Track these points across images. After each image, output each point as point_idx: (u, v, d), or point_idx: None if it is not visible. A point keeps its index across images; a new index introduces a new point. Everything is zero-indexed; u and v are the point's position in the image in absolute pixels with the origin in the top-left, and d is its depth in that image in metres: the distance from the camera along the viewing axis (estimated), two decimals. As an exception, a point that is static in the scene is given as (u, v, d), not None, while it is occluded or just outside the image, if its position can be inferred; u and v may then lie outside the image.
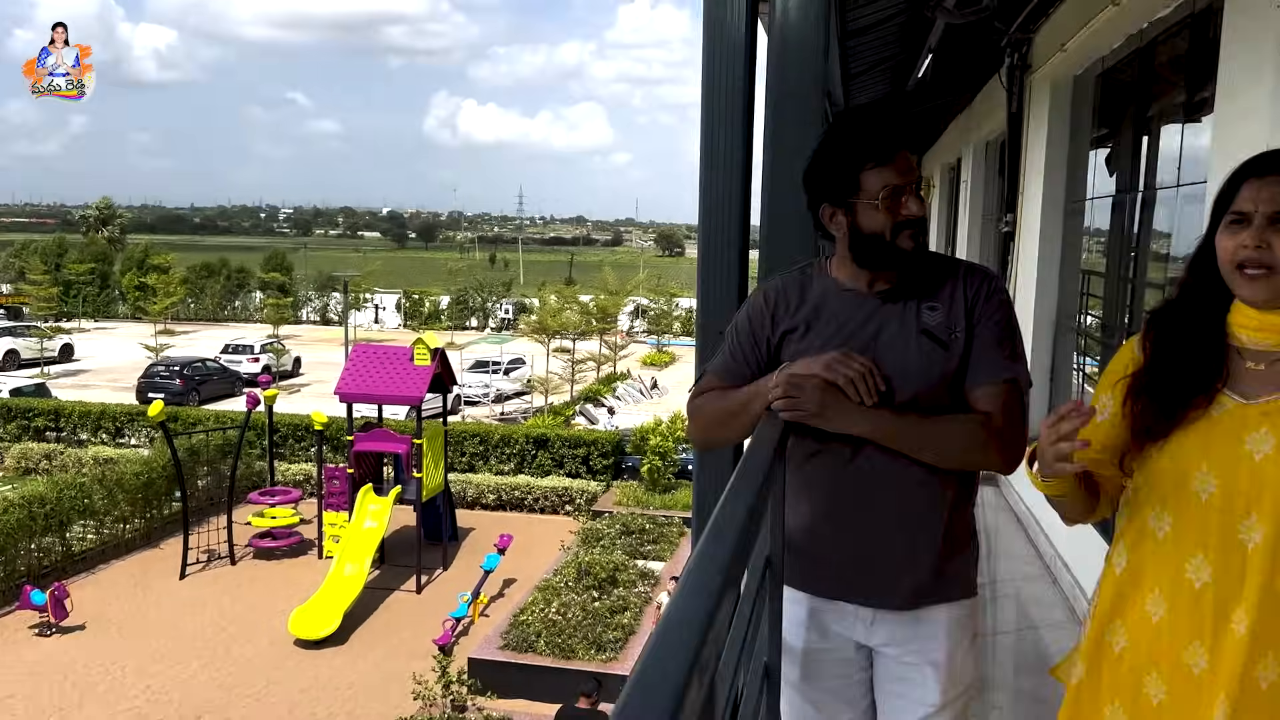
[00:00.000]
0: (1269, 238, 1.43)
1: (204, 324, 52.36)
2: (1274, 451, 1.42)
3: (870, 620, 1.86)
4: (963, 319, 1.81)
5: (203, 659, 13.09)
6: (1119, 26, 4.58)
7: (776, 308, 1.90)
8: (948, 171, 12.28)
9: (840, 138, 1.85)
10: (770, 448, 1.58)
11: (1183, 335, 1.54)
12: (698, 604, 0.90)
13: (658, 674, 0.76)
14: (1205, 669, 1.47)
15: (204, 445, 18.30)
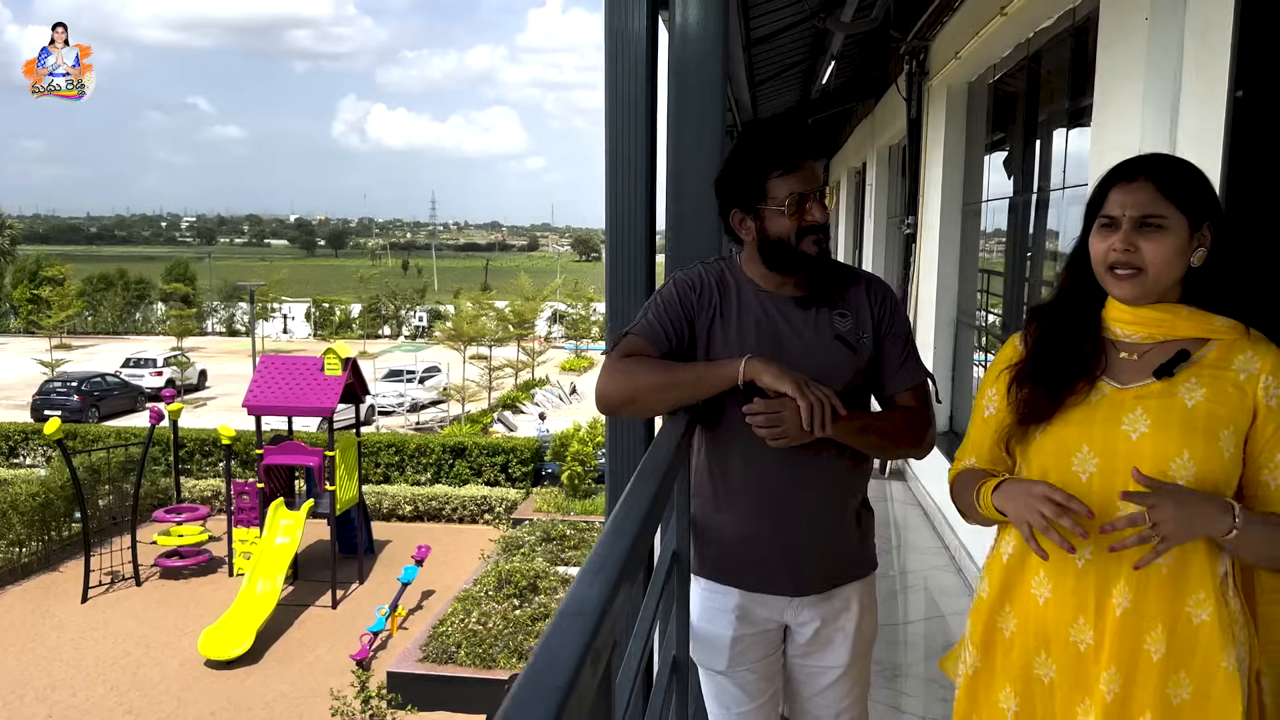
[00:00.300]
0: (1136, 241, 1.51)
1: (103, 337, 50.48)
2: (1150, 430, 1.50)
3: (795, 605, 1.99)
4: (869, 327, 1.98)
5: (108, 683, 12.65)
6: (1008, 36, 4.76)
7: (702, 294, 1.96)
8: (854, 175, 12.57)
9: (748, 147, 1.93)
10: (671, 448, 1.62)
11: (1064, 329, 1.62)
12: (594, 594, 0.93)
13: (550, 662, 0.79)
14: (1090, 645, 1.53)
15: (105, 463, 17.65)
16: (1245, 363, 1.50)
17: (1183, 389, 1.50)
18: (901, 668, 4.15)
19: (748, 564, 1.97)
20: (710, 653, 2.00)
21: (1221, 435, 1.48)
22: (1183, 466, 1.47)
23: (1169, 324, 1.54)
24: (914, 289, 6.99)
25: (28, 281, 49.91)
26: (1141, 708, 1.49)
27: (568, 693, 0.75)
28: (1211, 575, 1.50)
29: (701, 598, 2.02)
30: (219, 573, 16.34)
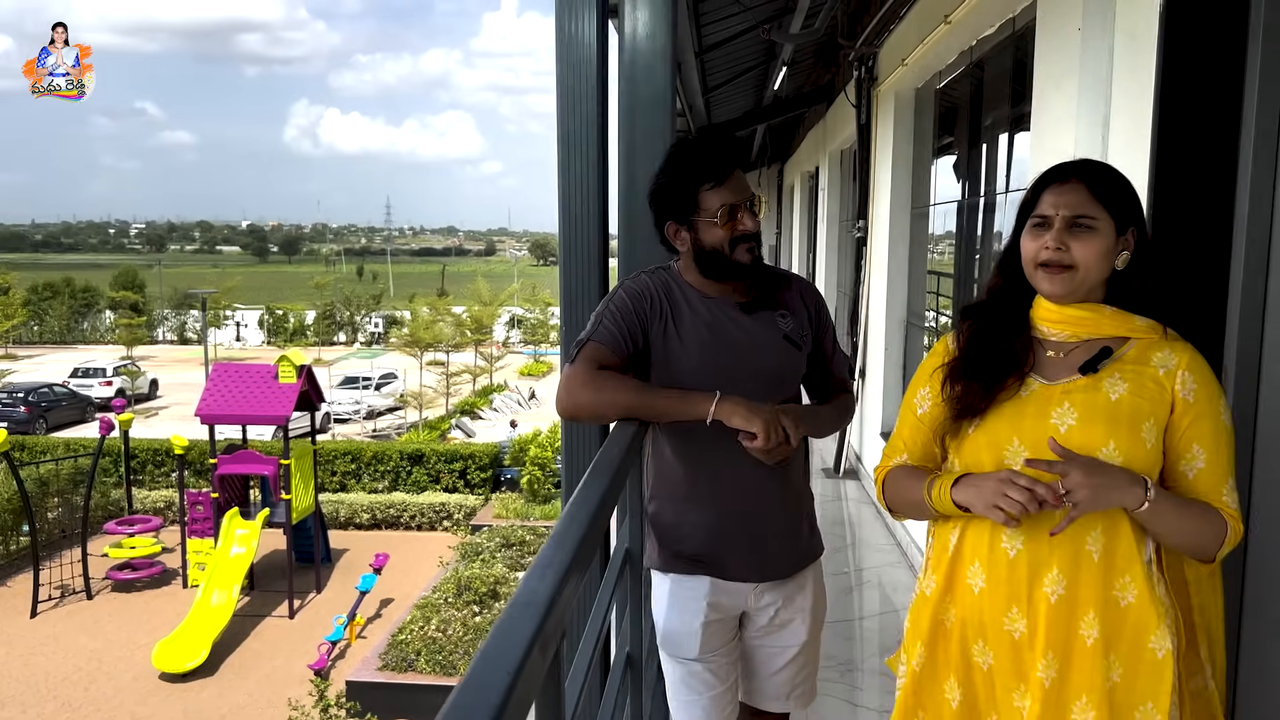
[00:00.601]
0: (1067, 240, 1.57)
1: (49, 347, 49.46)
2: (1077, 423, 1.56)
3: (757, 591, 2.12)
4: (808, 325, 2.13)
5: (60, 699, 12.40)
6: (952, 43, 4.88)
7: (652, 302, 2.03)
8: (807, 179, 12.72)
9: (679, 161, 2.02)
10: (624, 447, 1.67)
11: (995, 327, 1.69)
12: (544, 586, 0.98)
13: (501, 648, 0.84)
14: (1024, 633, 1.59)
15: (54, 475, 17.29)
16: (1163, 359, 1.58)
17: (1107, 383, 1.58)
18: (855, 662, 4.23)
19: (717, 555, 2.07)
20: (681, 643, 2.09)
21: (1144, 427, 1.55)
22: (1109, 456, 1.53)
23: (1092, 323, 1.61)
24: (865, 291, 7.11)
25: (-30, 291, 48.82)
26: (1078, 691, 1.55)
27: (516, 675, 0.79)
28: (1138, 558, 1.56)
29: (671, 591, 2.10)
30: (173, 584, 16.08)
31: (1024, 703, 1.60)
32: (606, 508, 1.35)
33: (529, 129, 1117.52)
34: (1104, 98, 2.68)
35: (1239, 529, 1.57)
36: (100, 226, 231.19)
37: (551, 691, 0.97)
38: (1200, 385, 1.57)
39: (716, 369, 1.99)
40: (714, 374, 1.97)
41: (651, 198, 2.04)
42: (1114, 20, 2.62)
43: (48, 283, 53.93)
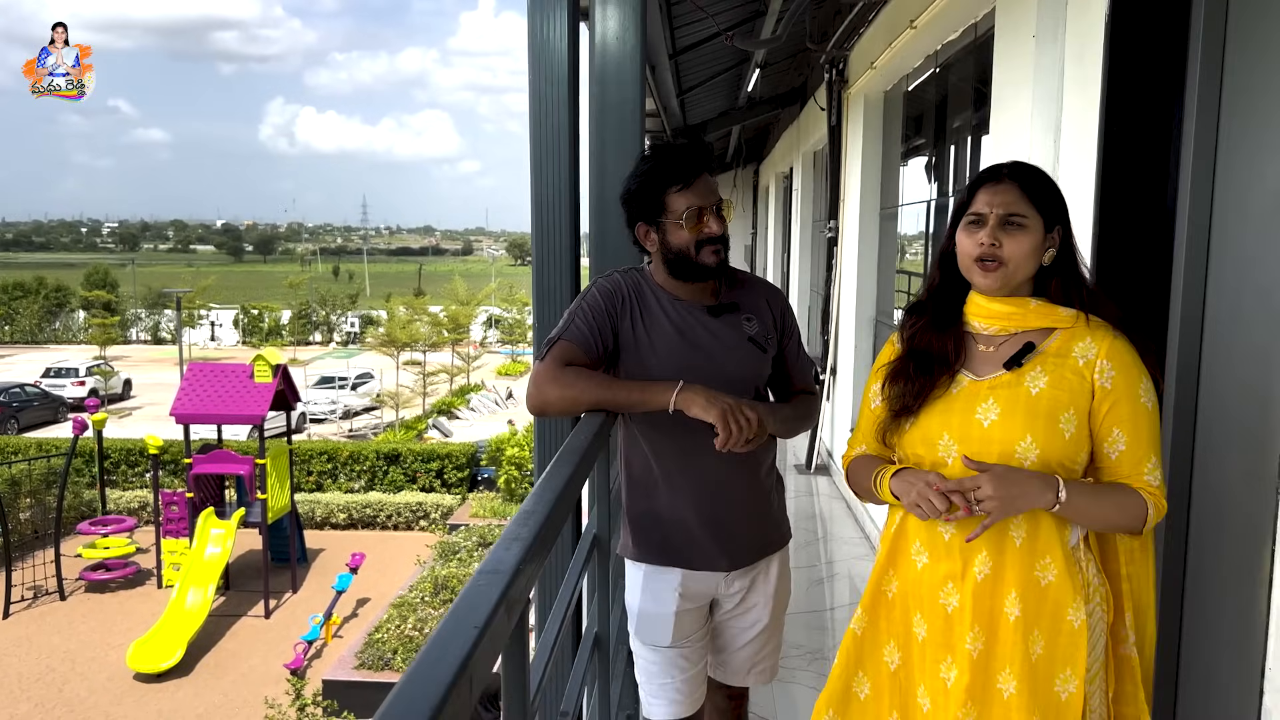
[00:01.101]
0: (1000, 236, 1.67)
1: (20, 347, 48.94)
2: (999, 418, 1.66)
3: (727, 579, 2.21)
4: (773, 329, 2.22)
5: (33, 700, 12.34)
6: (918, 48, 4.99)
7: (623, 302, 2.10)
8: (781, 180, 12.85)
9: (648, 164, 2.09)
10: (590, 435, 1.76)
11: (931, 325, 1.77)
12: (509, 556, 1.06)
13: (469, 607, 0.92)
14: (956, 608, 1.69)
15: (25, 475, 17.17)
16: (1084, 350, 1.67)
17: (1028, 378, 1.67)
18: (824, 651, 4.34)
19: (686, 546, 2.15)
20: (655, 631, 2.17)
21: (1062, 418, 1.64)
22: (1027, 449, 1.63)
23: (1019, 316, 1.70)
24: (836, 290, 7.22)
25: (-61, 290, 48.26)
26: (1002, 663, 1.65)
27: (484, 630, 0.88)
28: (1060, 542, 1.65)
29: (644, 581, 2.18)
30: (148, 585, 16.01)
31: (949, 674, 1.70)
32: (572, 488, 1.43)
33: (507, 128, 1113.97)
34: (1056, 104, 2.79)
35: (1162, 504, 1.66)
36: (73, 225, 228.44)
37: (517, 653, 1.05)
38: (1119, 371, 1.65)
39: (682, 370, 2.03)
40: (680, 375, 2.00)
41: (623, 199, 2.11)
42: (1065, 30, 2.73)
43: (18, 282, 53.34)
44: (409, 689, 0.78)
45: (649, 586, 2.17)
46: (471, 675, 0.85)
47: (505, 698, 1.14)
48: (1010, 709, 1.64)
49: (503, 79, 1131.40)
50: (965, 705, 1.67)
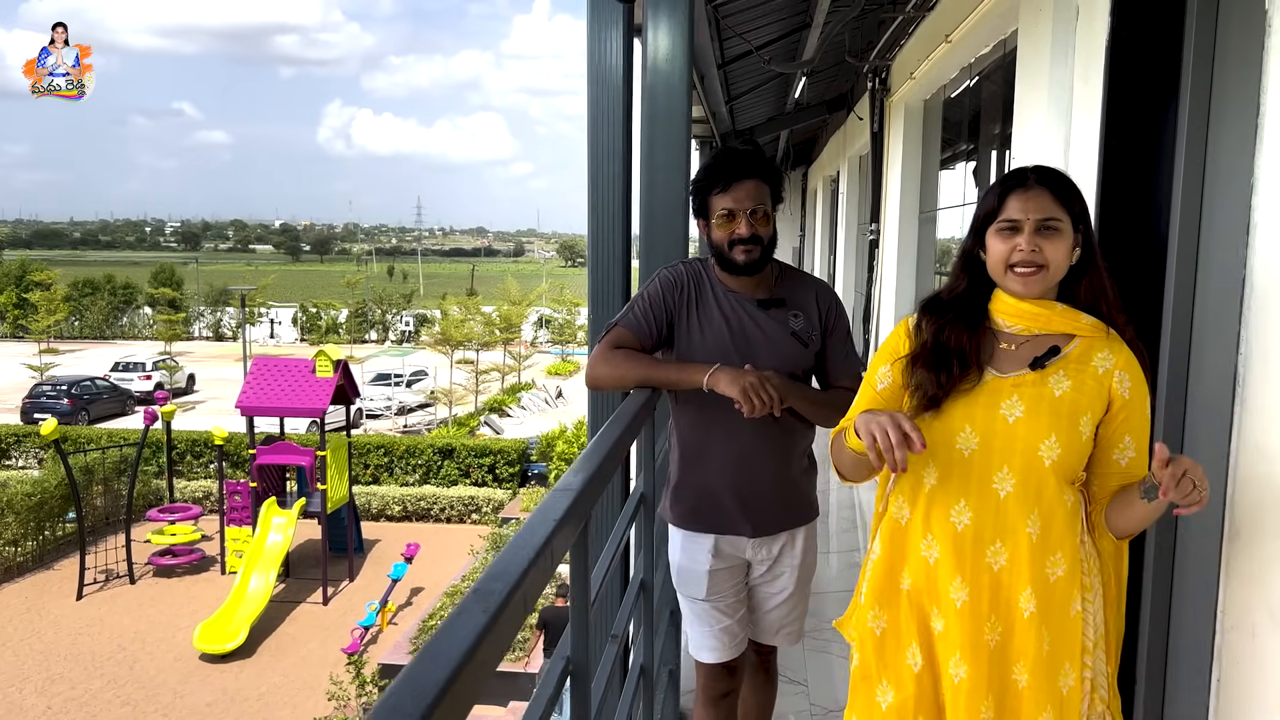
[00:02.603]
0: (1039, 242, 1.68)
1: (90, 342, 50.56)
2: (1024, 416, 1.69)
3: (755, 544, 2.46)
4: (818, 326, 2.39)
5: (105, 677, 12.97)
6: (954, 60, 5.23)
7: (682, 291, 2.37)
8: (829, 183, 13.07)
9: (701, 168, 2.37)
10: (638, 405, 2.07)
11: (957, 323, 1.78)
12: (576, 480, 1.38)
13: (546, 511, 1.24)
14: (966, 601, 1.72)
15: (98, 464, 17.95)
16: (1103, 359, 1.71)
17: (1052, 380, 1.70)
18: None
19: (716, 513, 2.41)
20: (692, 586, 2.46)
21: (1081, 421, 1.70)
22: (1050, 447, 1.68)
23: (1045, 318, 1.73)
24: (877, 290, 7.46)
25: (14, 287, 50.00)
26: (1018, 656, 1.72)
27: (557, 527, 1.20)
28: (1071, 536, 1.72)
29: (682, 543, 2.47)
30: (212, 570, 16.66)
31: (959, 670, 1.73)
32: (618, 448, 1.74)
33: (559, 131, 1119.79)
34: (1066, 119, 3.04)
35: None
36: (137, 224, 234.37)
37: (580, 555, 1.37)
38: (1134, 384, 1.71)
39: (726, 355, 2.26)
40: (724, 359, 2.23)
41: (690, 198, 2.41)
42: (1074, 50, 2.98)
43: (87, 279, 55.03)
44: (484, 587, 0.99)
45: (686, 548, 2.46)
46: (525, 590, 1.03)
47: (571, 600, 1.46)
48: (1022, 700, 1.70)
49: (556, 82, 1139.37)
50: (985, 698, 1.71)
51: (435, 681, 0.77)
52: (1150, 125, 2.60)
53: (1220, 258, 2.49)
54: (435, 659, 0.81)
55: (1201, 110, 2.50)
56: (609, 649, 1.98)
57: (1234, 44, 2.33)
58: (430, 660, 0.81)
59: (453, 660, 0.81)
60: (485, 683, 0.86)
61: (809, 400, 2.32)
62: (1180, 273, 2.60)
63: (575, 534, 1.34)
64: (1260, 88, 1.94)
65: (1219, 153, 2.44)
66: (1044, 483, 1.70)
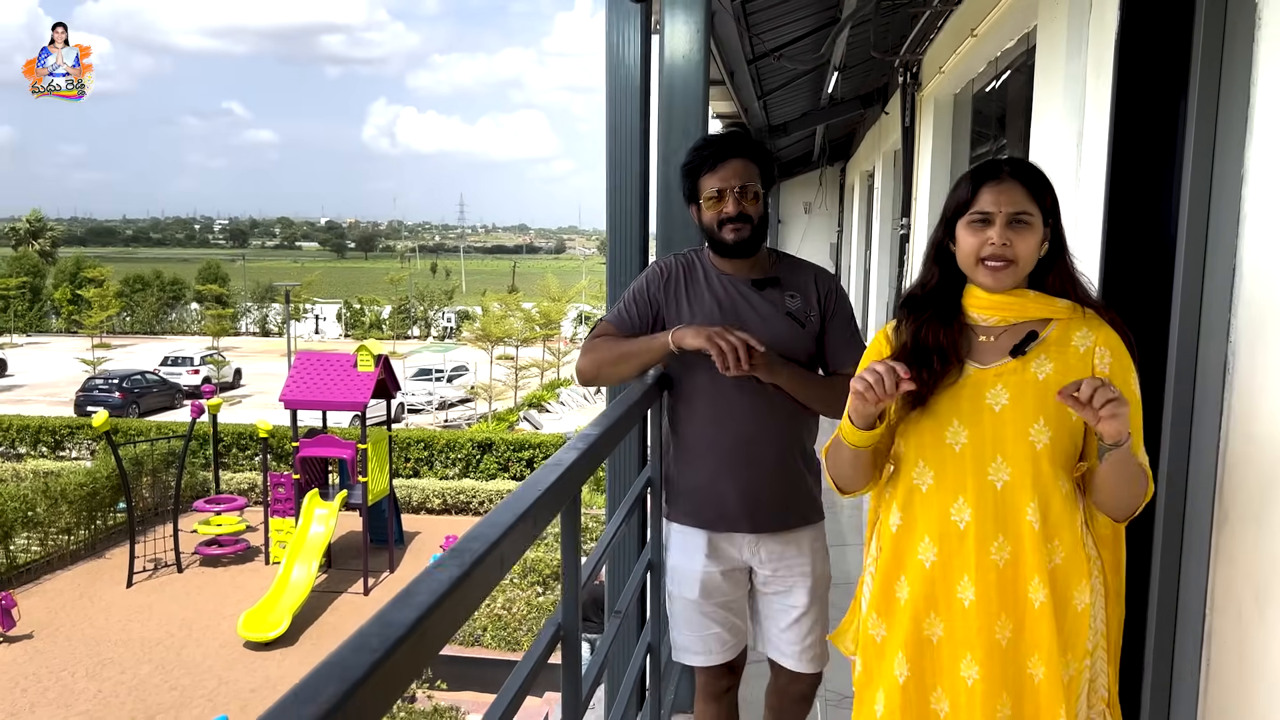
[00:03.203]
0: (1009, 236, 1.68)
1: (140, 337, 51.68)
2: (1010, 403, 1.70)
3: (755, 543, 2.38)
4: (816, 308, 2.37)
5: (153, 662, 13.31)
6: (980, 53, 5.23)
7: (667, 281, 2.40)
8: (865, 179, 13.03)
9: (690, 151, 2.40)
10: (642, 389, 2.15)
11: (934, 318, 1.78)
12: (594, 431, 1.47)
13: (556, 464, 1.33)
14: (974, 600, 1.70)
15: (147, 455, 18.39)
16: (1082, 338, 1.72)
17: (1034, 365, 1.71)
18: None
19: (713, 507, 2.35)
20: (685, 584, 2.39)
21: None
22: (1040, 431, 1.68)
23: (1019, 307, 1.74)
24: (906, 284, 7.45)
25: (68, 283, 51.24)
26: (1031, 649, 1.70)
27: (541, 497, 1.28)
28: (1069, 523, 1.71)
29: (677, 539, 2.42)
30: (256, 560, 16.99)
31: (971, 670, 1.71)
32: (619, 425, 1.83)
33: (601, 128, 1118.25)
34: (1079, 114, 3.06)
35: (1150, 488, 1.71)
36: (186, 222, 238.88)
37: (571, 527, 1.46)
38: (1115, 359, 1.71)
39: None
40: None
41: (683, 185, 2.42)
42: (1087, 45, 3.01)
43: (138, 275, 56.25)
44: (462, 545, 1.10)
45: (680, 543, 2.41)
46: (503, 550, 1.15)
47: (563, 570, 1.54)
48: (1040, 693, 1.68)
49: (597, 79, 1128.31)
50: (1001, 697, 1.69)
51: (403, 622, 0.86)
52: (1159, 118, 2.62)
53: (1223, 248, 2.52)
54: (406, 604, 0.90)
55: (1210, 103, 2.53)
56: (613, 624, 2.07)
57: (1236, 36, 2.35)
58: (401, 605, 0.90)
59: (421, 606, 0.90)
60: (453, 630, 0.95)
61: (801, 380, 2.28)
62: (1189, 264, 2.62)
63: (563, 504, 1.43)
64: (1251, 80, 1.97)
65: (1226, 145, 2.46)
66: (1039, 469, 1.70)
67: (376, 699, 0.77)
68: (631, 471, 2.99)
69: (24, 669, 13.06)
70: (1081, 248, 2.93)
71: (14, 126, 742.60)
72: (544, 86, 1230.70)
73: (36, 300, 54.00)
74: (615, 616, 2.08)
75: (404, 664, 0.82)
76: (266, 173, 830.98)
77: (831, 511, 2.59)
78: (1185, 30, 2.55)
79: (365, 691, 0.74)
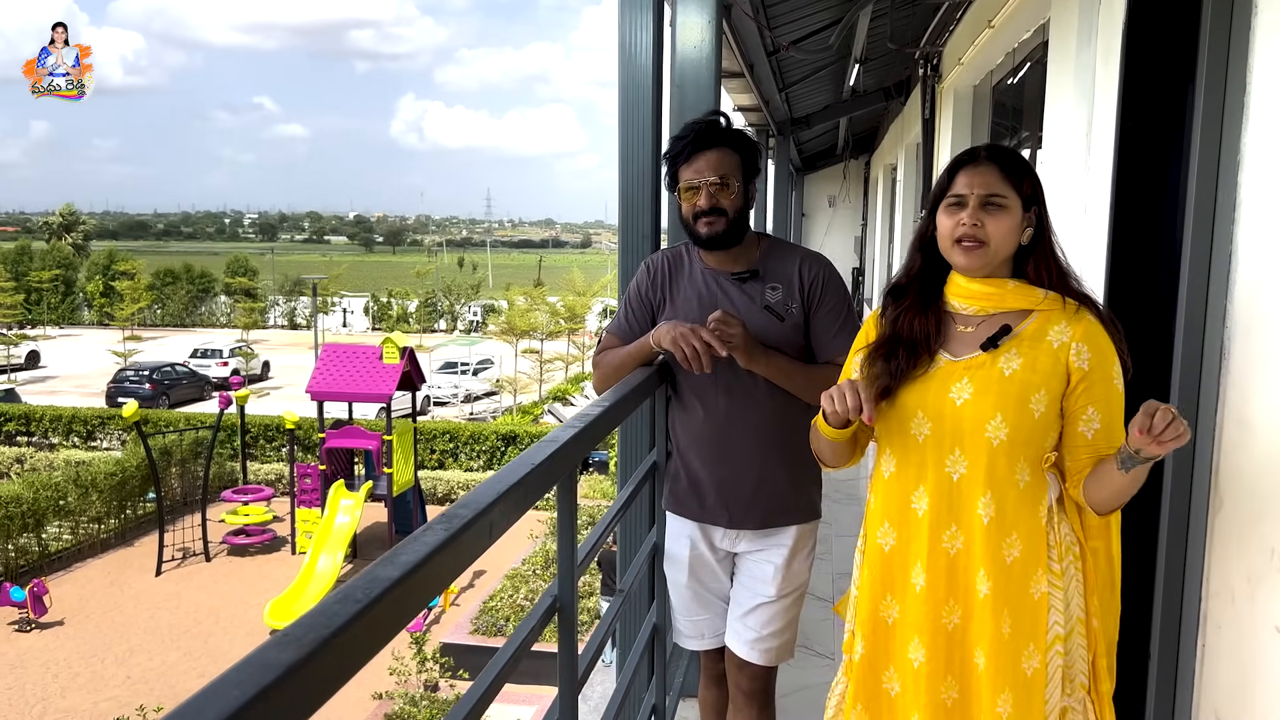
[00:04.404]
0: (982, 217, 1.69)
1: (171, 329, 52.34)
2: (971, 398, 1.69)
3: (736, 536, 2.39)
4: (798, 297, 2.28)
5: (181, 650, 13.52)
6: (998, 45, 5.23)
7: (655, 277, 2.40)
8: (889, 172, 12.99)
9: (671, 139, 2.35)
10: (643, 375, 2.19)
11: (913, 307, 1.79)
12: (594, 410, 1.51)
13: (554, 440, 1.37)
14: (924, 586, 1.73)
15: (176, 445, 18.65)
16: (1058, 333, 1.69)
17: (1003, 359, 1.70)
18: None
19: (694, 498, 2.37)
20: (675, 568, 2.44)
21: (1033, 399, 1.68)
22: (997, 427, 1.67)
23: (998, 296, 1.73)
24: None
25: (101, 276, 51.97)
26: (977, 640, 1.71)
27: (533, 471, 1.33)
28: (1027, 517, 1.71)
29: (670, 525, 2.46)
30: (283, 550, 17.19)
31: (917, 653, 1.74)
32: (618, 408, 1.87)
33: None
34: (1089, 102, 3.07)
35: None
36: (217, 216, 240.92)
37: (567, 503, 1.50)
38: (1093, 353, 1.68)
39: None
40: None
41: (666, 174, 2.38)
42: (1097, 35, 3.01)
43: (169, 269, 56.96)
44: (453, 511, 1.12)
45: (672, 530, 2.45)
46: (492, 519, 1.17)
47: (559, 546, 1.59)
48: (982, 683, 1.70)
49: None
50: (945, 680, 1.72)
51: (386, 579, 0.91)
52: (1166, 106, 2.63)
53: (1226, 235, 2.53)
54: (393, 563, 0.95)
55: (1217, 91, 2.54)
56: (616, 601, 2.11)
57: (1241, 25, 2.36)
58: (388, 564, 0.95)
59: (406, 565, 0.95)
60: (437, 590, 1.00)
61: (784, 369, 2.22)
62: (1195, 252, 2.63)
63: (558, 479, 1.47)
64: (1247, 67, 1.98)
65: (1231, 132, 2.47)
66: (994, 464, 1.70)
67: (358, 647, 0.81)
68: (642, 453, 3.03)
69: (55, 655, 13.30)
70: (1089, 235, 2.95)
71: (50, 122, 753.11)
72: (571, 81, 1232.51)
73: (69, 293, 54.85)
74: (620, 594, 2.12)
75: (386, 616, 0.86)
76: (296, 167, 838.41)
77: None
78: (1193, 19, 2.56)
79: (346, 638, 0.79)
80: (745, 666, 2.37)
